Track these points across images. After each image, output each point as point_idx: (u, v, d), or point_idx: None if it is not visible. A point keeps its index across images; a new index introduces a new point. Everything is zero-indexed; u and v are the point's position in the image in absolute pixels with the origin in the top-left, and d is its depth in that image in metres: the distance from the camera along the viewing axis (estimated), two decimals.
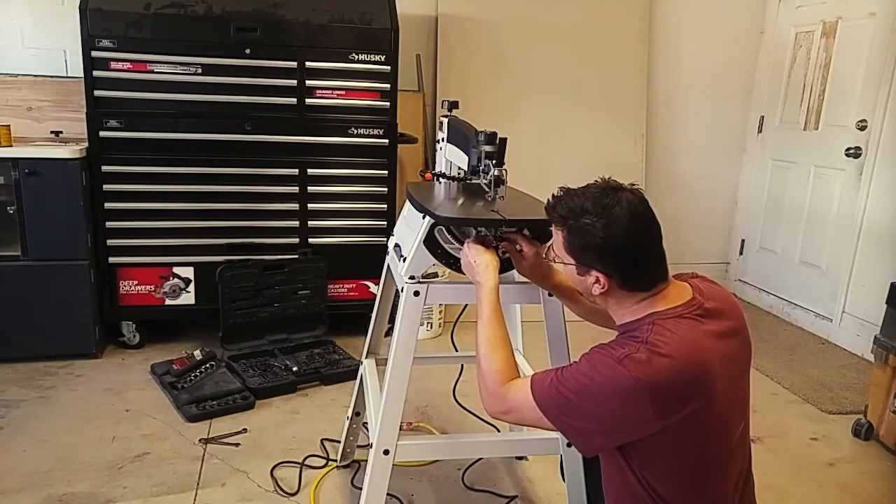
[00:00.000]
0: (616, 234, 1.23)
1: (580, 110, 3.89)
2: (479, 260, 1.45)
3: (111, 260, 3.01)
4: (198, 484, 2.13)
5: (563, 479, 1.69)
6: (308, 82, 3.01)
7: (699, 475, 1.29)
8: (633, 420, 1.18)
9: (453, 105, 1.96)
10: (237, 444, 2.37)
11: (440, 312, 3.49)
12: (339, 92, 3.06)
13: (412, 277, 1.53)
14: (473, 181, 1.59)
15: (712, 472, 1.30)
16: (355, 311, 3.26)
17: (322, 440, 2.40)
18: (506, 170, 1.52)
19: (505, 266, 1.57)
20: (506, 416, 1.35)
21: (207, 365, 2.83)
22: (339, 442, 2.26)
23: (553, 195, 1.33)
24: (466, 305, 1.94)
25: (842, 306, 3.61)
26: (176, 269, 3.08)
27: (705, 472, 1.29)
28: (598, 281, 1.28)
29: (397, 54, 3.08)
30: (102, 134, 2.89)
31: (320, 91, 3.04)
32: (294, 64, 2.98)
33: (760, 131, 4.27)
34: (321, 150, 3.10)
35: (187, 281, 3.10)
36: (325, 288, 3.23)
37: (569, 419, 1.22)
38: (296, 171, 3.10)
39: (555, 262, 1.37)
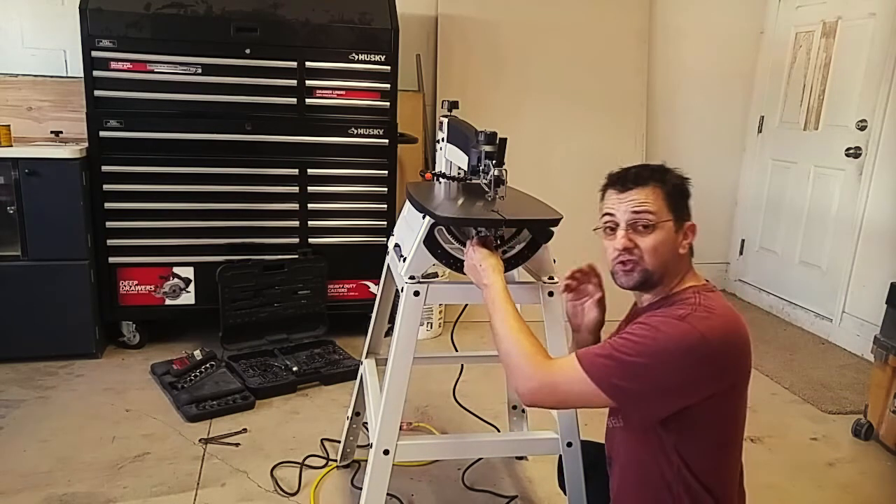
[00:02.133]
0: (688, 187, 1.37)
1: (580, 110, 3.89)
2: (484, 264, 1.44)
3: (111, 260, 3.01)
4: (198, 484, 2.13)
5: (563, 490, 1.67)
6: (308, 82, 3.01)
7: (727, 454, 1.32)
8: (691, 380, 1.19)
9: (453, 105, 1.95)
10: (237, 444, 2.37)
11: (440, 312, 3.49)
12: (339, 92, 3.06)
13: (412, 277, 1.53)
14: (473, 181, 1.59)
15: (736, 452, 1.34)
16: (355, 311, 3.26)
17: (322, 440, 2.40)
18: (506, 170, 1.51)
19: (507, 266, 1.57)
20: (548, 397, 1.29)
21: (207, 365, 2.83)
22: (339, 442, 2.26)
23: (622, 168, 1.37)
24: (466, 305, 1.94)
25: (842, 306, 3.61)
26: (176, 269, 3.08)
27: (732, 451, 1.33)
28: (687, 235, 1.34)
29: (397, 54, 3.08)
30: (102, 134, 2.89)
31: (320, 91, 3.04)
32: (294, 64, 2.98)
33: (760, 131, 4.27)
34: (321, 150, 3.10)
35: (187, 281, 3.10)
36: (325, 288, 3.23)
37: (626, 383, 1.20)
38: (296, 171, 3.10)
39: (647, 231, 1.31)
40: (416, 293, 1.52)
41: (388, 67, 3.07)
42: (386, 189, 3.21)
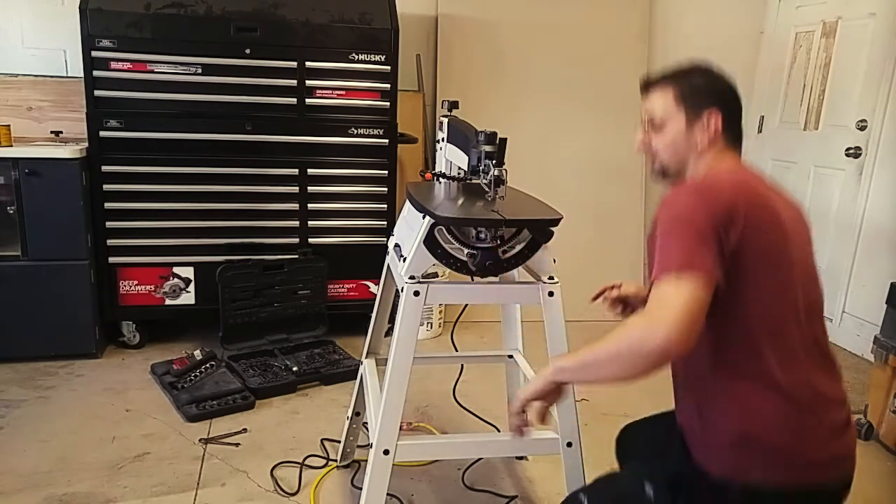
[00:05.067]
0: (720, 78, 1.42)
1: (580, 110, 3.89)
2: (538, 385, 1.30)
3: (111, 260, 3.01)
4: (198, 484, 2.13)
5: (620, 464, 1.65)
6: (308, 82, 3.02)
7: (778, 311, 1.25)
8: (714, 215, 1.19)
9: (453, 105, 1.96)
10: (237, 444, 2.38)
11: (440, 312, 3.49)
12: (339, 92, 3.06)
13: (412, 277, 1.53)
14: (473, 181, 1.59)
15: (790, 312, 1.26)
16: (355, 311, 3.26)
17: (322, 440, 2.40)
18: (506, 170, 1.52)
19: (507, 266, 1.57)
20: (682, 331, 1.10)
21: (207, 365, 2.83)
22: (339, 442, 2.26)
23: (647, 75, 1.46)
24: (466, 305, 1.94)
25: (842, 306, 3.61)
26: (176, 269, 3.08)
27: (783, 309, 1.25)
28: (708, 123, 1.37)
29: (397, 54, 3.08)
30: (102, 134, 2.89)
31: (320, 91, 3.04)
32: (294, 64, 2.98)
33: (760, 131, 4.27)
34: (321, 150, 3.10)
35: (187, 281, 3.10)
36: (325, 288, 3.23)
37: (688, 253, 1.16)
38: (296, 171, 3.10)
39: (658, 130, 1.41)
40: (416, 293, 1.52)
41: (388, 67, 3.07)
42: (386, 189, 3.21)
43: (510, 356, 2.18)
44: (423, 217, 1.54)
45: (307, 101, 3.03)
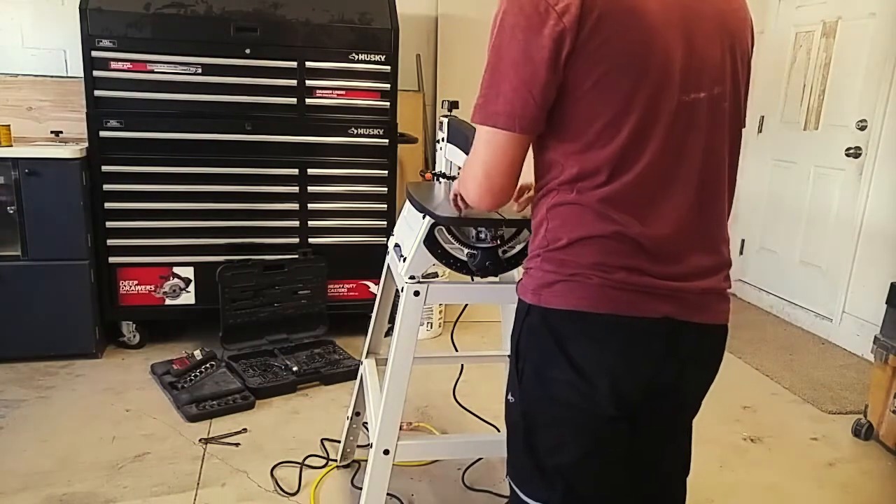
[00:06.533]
0: None
1: None
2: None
3: (111, 260, 3.01)
4: (198, 484, 2.13)
5: None
6: (308, 82, 3.02)
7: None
8: (552, 38, 1.02)
9: (453, 105, 1.96)
10: (237, 444, 2.38)
11: (440, 312, 3.49)
12: (339, 92, 3.06)
13: (412, 277, 1.53)
14: None
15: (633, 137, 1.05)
16: (355, 311, 3.26)
17: (322, 440, 2.40)
18: None
19: (507, 265, 1.57)
20: (482, 186, 1.11)
21: (207, 365, 2.83)
22: (339, 442, 2.26)
23: None
24: (466, 305, 1.94)
25: (842, 306, 3.61)
26: (176, 269, 3.08)
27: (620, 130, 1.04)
28: None
29: (397, 54, 3.08)
30: (102, 134, 2.89)
31: (320, 91, 3.04)
32: (294, 64, 2.98)
33: (760, 131, 4.27)
34: (321, 150, 3.10)
35: (187, 281, 3.10)
36: (325, 288, 3.23)
37: (503, 98, 1.04)
38: (296, 171, 3.10)
39: None
40: (416, 293, 1.52)
41: (388, 67, 3.07)
42: (386, 189, 3.21)
43: (510, 356, 2.17)
44: (423, 217, 1.54)
45: (307, 101, 3.03)
